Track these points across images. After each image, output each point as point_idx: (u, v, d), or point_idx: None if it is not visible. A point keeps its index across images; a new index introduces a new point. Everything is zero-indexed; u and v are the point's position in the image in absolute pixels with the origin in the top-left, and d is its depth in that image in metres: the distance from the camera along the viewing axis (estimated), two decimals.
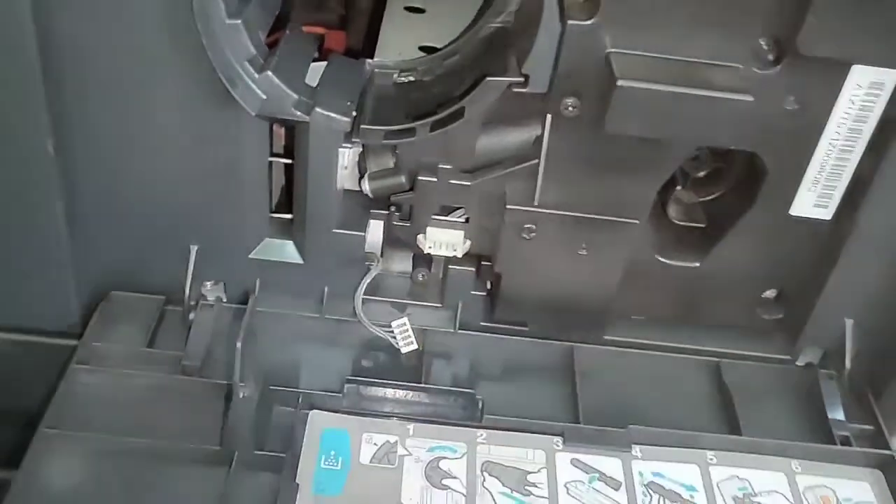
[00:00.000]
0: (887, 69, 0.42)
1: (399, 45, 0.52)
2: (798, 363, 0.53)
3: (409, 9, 0.57)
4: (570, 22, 0.41)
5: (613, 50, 0.42)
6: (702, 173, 0.50)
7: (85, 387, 0.45)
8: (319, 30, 0.56)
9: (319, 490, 0.43)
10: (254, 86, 0.42)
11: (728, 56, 0.42)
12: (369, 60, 0.49)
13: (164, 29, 0.41)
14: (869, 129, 0.44)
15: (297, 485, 0.43)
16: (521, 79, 0.42)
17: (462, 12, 0.52)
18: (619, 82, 0.40)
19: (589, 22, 0.41)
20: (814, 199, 0.47)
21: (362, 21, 0.59)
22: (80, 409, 0.44)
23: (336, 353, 0.50)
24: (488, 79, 0.42)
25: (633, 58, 0.42)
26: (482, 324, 0.52)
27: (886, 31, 0.40)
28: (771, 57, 0.42)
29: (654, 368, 0.52)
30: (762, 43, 0.42)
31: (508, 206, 0.46)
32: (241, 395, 0.42)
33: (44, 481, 0.41)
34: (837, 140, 0.45)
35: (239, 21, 0.40)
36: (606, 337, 0.52)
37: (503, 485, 0.44)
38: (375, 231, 0.49)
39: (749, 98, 0.41)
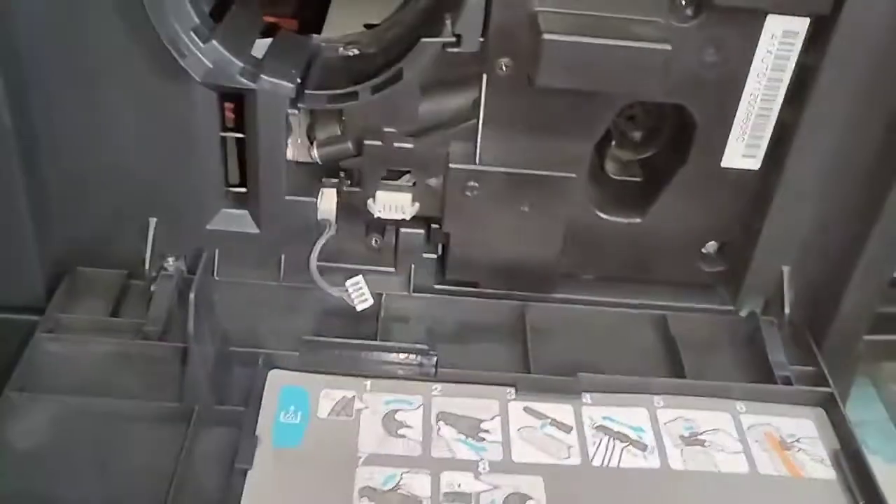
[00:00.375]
0: (799, 17, 0.45)
1: (345, 24, 0.55)
2: (741, 313, 0.55)
3: None
4: None
5: (540, 9, 0.44)
6: (637, 133, 0.53)
7: (49, 354, 0.46)
8: (272, 19, 0.58)
9: (279, 443, 0.44)
10: (199, 54, 0.44)
11: (648, 11, 0.45)
12: (315, 35, 0.52)
13: (111, 6, 0.43)
14: (786, 77, 0.47)
15: (258, 437, 0.44)
16: (454, 39, 0.44)
17: None
18: (545, 36, 0.43)
19: None
20: (742, 150, 0.50)
21: (314, 9, 0.62)
22: (44, 374, 0.45)
23: (295, 317, 0.51)
24: (423, 40, 0.45)
25: (559, 15, 0.44)
26: (435, 286, 0.54)
27: None
28: (689, 11, 0.45)
29: (603, 323, 0.54)
30: None
31: (451, 165, 0.48)
32: (195, 349, 0.43)
33: (9, 442, 0.42)
34: (759, 90, 0.48)
35: None
36: (557, 295, 0.54)
37: (458, 432, 0.46)
38: (328, 198, 0.51)
39: (666, 47, 0.43)
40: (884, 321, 0.70)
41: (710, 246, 0.54)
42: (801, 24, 0.45)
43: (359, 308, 0.49)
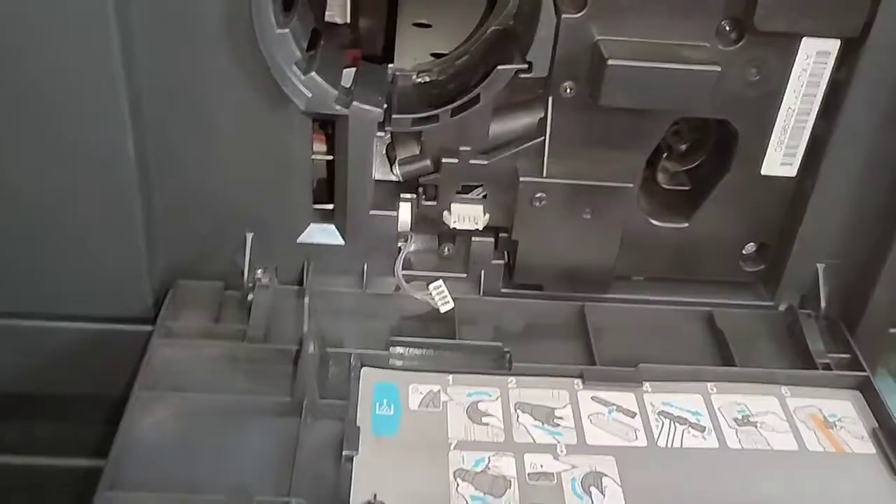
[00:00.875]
0: (831, 39, 0.51)
1: (413, 54, 0.60)
2: (780, 308, 0.60)
3: (417, 24, 0.65)
4: (563, 16, 0.49)
5: (601, 37, 0.50)
6: (683, 146, 0.58)
7: (166, 357, 0.51)
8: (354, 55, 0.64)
9: (378, 432, 0.50)
10: (301, 86, 0.49)
11: (697, 37, 0.50)
12: (391, 65, 0.57)
13: (224, 42, 0.48)
14: (820, 92, 0.52)
15: (359, 427, 0.49)
16: (526, 65, 0.50)
17: (464, 23, 0.60)
18: (609, 61, 0.48)
19: (578, 15, 0.49)
20: (780, 159, 0.55)
21: (375, 40, 0.68)
22: (164, 375, 0.50)
23: (378, 321, 0.56)
24: (499, 67, 0.50)
25: (618, 42, 0.50)
26: (503, 290, 0.59)
27: (826, 6, 0.49)
28: (733, 36, 0.51)
29: (655, 320, 0.59)
30: (725, 24, 0.50)
31: (521, 179, 0.54)
32: (309, 349, 0.48)
33: (140, 435, 0.47)
34: (795, 104, 0.53)
35: (287, 30, 0.48)
36: (612, 295, 0.59)
37: (535, 419, 0.51)
38: (403, 212, 0.56)
39: (716, 68, 0.49)
40: None
41: (751, 247, 0.59)
42: (833, 45, 0.51)
43: (442, 310, 0.54)
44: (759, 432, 0.51)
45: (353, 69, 0.55)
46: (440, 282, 0.54)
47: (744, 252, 0.59)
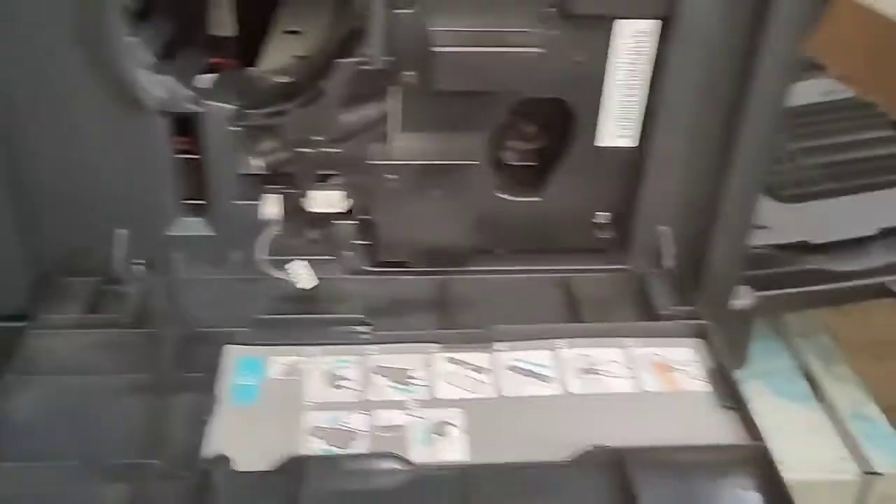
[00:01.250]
0: (646, 20, 0.55)
1: (278, 58, 0.64)
2: (634, 270, 0.64)
3: (288, 32, 0.69)
4: (396, 11, 0.54)
5: (433, 28, 0.54)
6: (531, 127, 0.63)
7: (39, 346, 0.55)
8: (218, 61, 0.68)
9: (237, 400, 0.53)
10: (153, 87, 0.53)
11: (523, 24, 0.55)
12: (251, 68, 0.61)
13: (77, 48, 0.52)
14: (644, 68, 0.57)
15: (216, 395, 0.52)
16: (364, 58, 0.54)
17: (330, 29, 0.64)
18: (437, 49, 0.53)
19: (411, 11, 0.54)
20: (617, 131, 0.59)
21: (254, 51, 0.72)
22: (35, 363, 0.54)
23: (250, 304, 0.59)
24: (339, 61, 0.54)
25: (448, 32, 0.54)
26: (369, 269, 0.62)
27: None
28: (555, 21, 0.55)
29: (515, 290, 0.63)
30: (549, 11, 0.55)
31: (372, 162, 0.58)
32: (166, 326, 0.51)
33: (8, 415, 0.50)
34: (622, 80, 0.57)
35: (137, 39, 0.52)
36: (474, 268, 0.63)
37: (389, 380, 0.55)
38: (273, 202, 0.60)
39: (536, 50, 0.53)
40: (776, 279, 0.80)
41: (603, 216, 0.64)
42: (648, 25, 0.55)
43: (299, 286, 0.58)
44: (600, 379, 0.55)
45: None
46: (298, 261, 0.58)
47: (596, 220, 0.64)
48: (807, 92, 1.17)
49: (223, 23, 0.75)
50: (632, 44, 0.56)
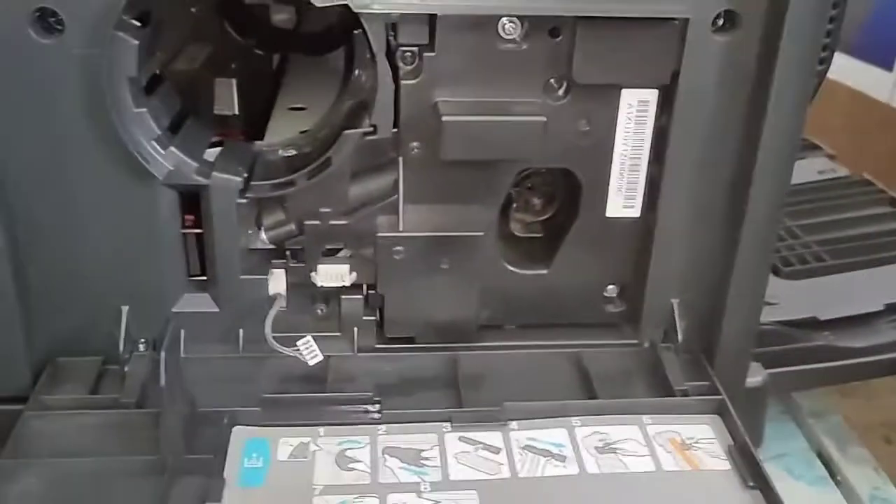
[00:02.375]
0: (648, 89, 0.56)
1: (282, 132, 0.64)
2: (645, 345, 0.63)
3: (293, 108, 0.70)
4: (402, 82, 0.54)
5: (440, 99, 0.54)
6: (537, 199, 0.63)
7: (36, 429, 0.52)
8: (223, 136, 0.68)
9: (244, 483, 0.51)
10: (161, 159, 0.53)
11: (527, 94, 0.55)
12: (258, 142, 0.61)
13: (83, 120, 0.52)
14: (647, 138, 0.57)
15: (224, 479, 0.50)
16: (371, 128, 0.54)
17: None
18: (444, 118, 0.53)
19: (416, 81, 0.54)
20: (622, 202, 0.59)
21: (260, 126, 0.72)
22: (32, 445, 0.51)
23: (256, 383, 0.58)
24: (345, 132, 0.54)
25: (455, 102, 0.54)
26: (377, 345, 0.61)
27: (636, 59, 0.54)
28: (560, 91, 0.55)
29: (526, 365, 0.61)
30: (552, 81, 0.55)
31: (379, 235, 0.57)
32: (169, 404, 0.50)
33: (4, 503, 0.48)
34: (627, 150, 0.58)
35: (144, 110, 0.52)
36: (484, 344, 0.62)
37: (401, 461, 0.53)
38: (278, 277, 0.59)
39: (541, 119, 0.53)
40: (787, 356, 0.79)
41: (612, 289, 0.63)
42: (651, 94, 0.56)
43: (310, 363, 0.56)
44: (618, 458, 0.53)
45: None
46: (308, 337, 0.57)
47: (605, 294, 0.63)
48: (803, 171, 1.19)
49: (227, 102, 0.76)
50: (636, 113, 0.57)
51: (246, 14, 0.84)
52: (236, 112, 0.76)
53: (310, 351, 0.56)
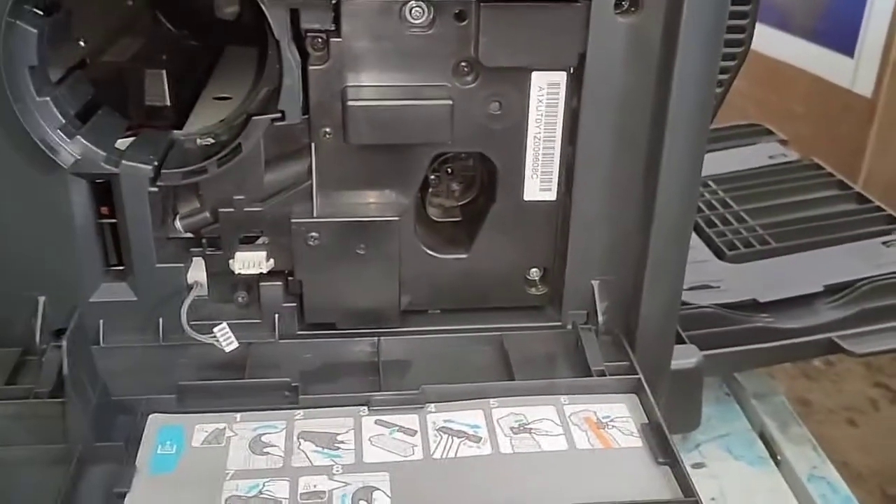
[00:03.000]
0: (557, 71, 0.56)
1: (204, 122, 0.64)
2: (568, 328, 0.63)
3: (218, 98, 0.70)
4: (311, 67, 0.54)
5: (349, 84, 0.55)
6: (456, 184, 0.63)
7: None
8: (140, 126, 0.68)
9: (156, 470, 0.51)
10: (67, 148, 0.53)
11: (436, 79, 0.55)
12: (175, 131, 0.61)
13: None
14: (559, 120, 0.57)
15: (136, 467, 0.50)
16: (279, 114, 0.54)
17: None
18: (349, 103, 0.53)
19: (324, 66, 0.54)
20: (538, 185, 0.59)
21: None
22: None
23: (177, 371, 0.58)
24: (254, 118, 0.54)
25: (364, 88, 0.55)
26: (298, 332, 0.61)
27: (541, 41, 0.54)
28: (469, 75, 0.56)
29: (447, 349, 0.61)
30: (462, 65, 0.55)
31: (293, 221, 0.57)
32: (72, 392, 0.49)
33: None
34: (540, 133, 0.58)
35: (48, 98, 0.52)
36: (406, 328, 0.62)
37: (315, 445, 0.53)
38: (197, 265, 0.59)
39: (448, 102, 0.54)
40: (726, 338, 0.80)
41: (535, 272, 0.63)
42: (560, 77, 0.56)
43: (227, 349, 0.56)
44: (532, 437, 0.54)
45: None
46: (223, 324, 0.57)
47: (528, 277, 0.63)
48: (754, 156, 1.20)
49: (158, 93, 0.75)
50: (547, 96, 0.57)
51: (179, 4, 0.84)
52: (167, 103, 0.76)
53: (226, 338, 0.56)
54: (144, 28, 0.81)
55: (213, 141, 0.61)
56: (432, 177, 0.61)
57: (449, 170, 0.62)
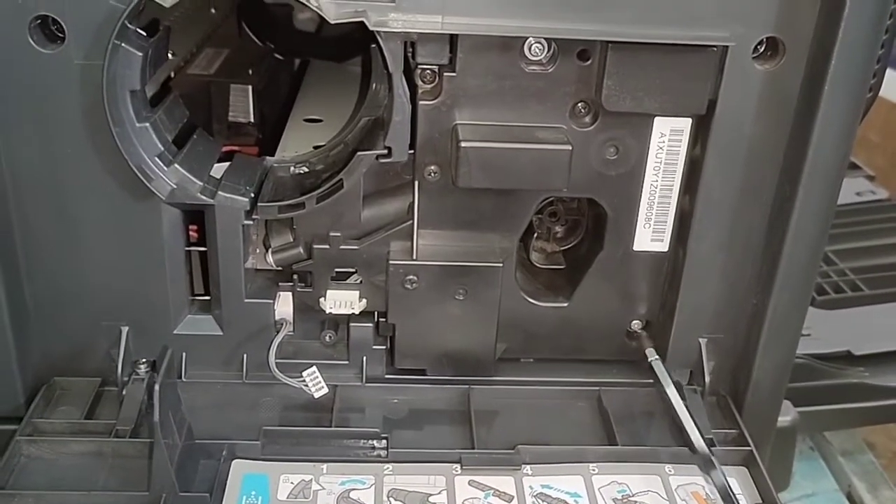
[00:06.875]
0: (682, 118, 0.52)
1: (296, 147, 0.61)
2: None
3: (308, 120, 0.67)
4: (421, 103, 0.51)
5: (459, 122, 0.51)
6: (560, 227, 0.59)
7: (27, 455, 0.50)
8: (234, 148, 0.65)
9: None
10: (164, 177, 0.50)
11: (552, 119, 0.52)
12: (268, 157, 0.58)
13: (83, 136, 0.49)
14: (679, 169, 0.54)
15: None
16: (385, 151, 0.51)
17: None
18: (462, 144, 0.50)
19: (435, 101, 0.51)
20: (650, 235, 0.56)
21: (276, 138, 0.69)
22: (22, 474, 0.49)
23: (258, 411, 0.55)
24: (358, 153, 0.51)
25: (475, 126, 0.51)
26: (386, 375, 0.58)
27: (670, 86, 0.50)
28: (588, 118, 0.52)
29: (542, 402, 0.58)
30: (580, 107, 0.52)
31: (391, 262, 0.54)
32: (160, 438, 0.47)
33: None
34: (657, 181, 0.54)
35: (147, 124, 0.49)
36: (499, 378, 0.59)
37: None
38: (285, 300, 0.56)
39: (567, 147, 0.50)
40: (818, 392, 0.75)
41: (637, 324, 0.59)
42: (685, 123, 0.52)
43: (315, 395, 0.53)
44: None
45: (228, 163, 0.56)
46: (314, 368, 0.54)
47: (630, 329, 0.59)
48: (840, 192, 1.15)
49: (243, 109, 0.73)
50: (668, 142, 0.53)
51: (266, 16, 0.82)
52: (252, 120, 0.73)
53: (315, 382, 0.53)
54: (229, 39, 0.79)
55: (307, 170, 0.58)
56: (535, 219, 0.58)
57: (553, 213, 0.59)
